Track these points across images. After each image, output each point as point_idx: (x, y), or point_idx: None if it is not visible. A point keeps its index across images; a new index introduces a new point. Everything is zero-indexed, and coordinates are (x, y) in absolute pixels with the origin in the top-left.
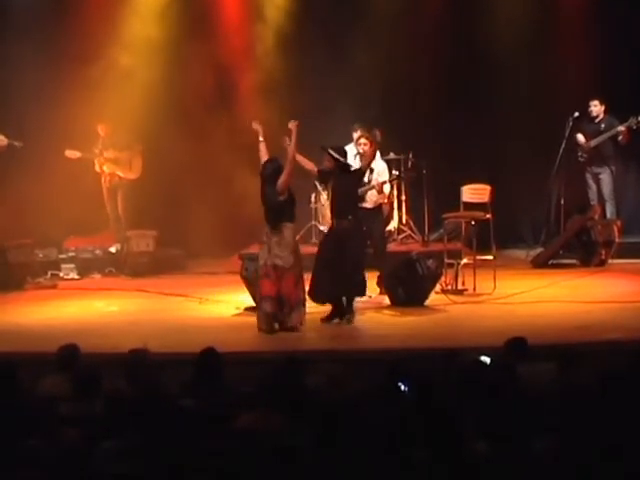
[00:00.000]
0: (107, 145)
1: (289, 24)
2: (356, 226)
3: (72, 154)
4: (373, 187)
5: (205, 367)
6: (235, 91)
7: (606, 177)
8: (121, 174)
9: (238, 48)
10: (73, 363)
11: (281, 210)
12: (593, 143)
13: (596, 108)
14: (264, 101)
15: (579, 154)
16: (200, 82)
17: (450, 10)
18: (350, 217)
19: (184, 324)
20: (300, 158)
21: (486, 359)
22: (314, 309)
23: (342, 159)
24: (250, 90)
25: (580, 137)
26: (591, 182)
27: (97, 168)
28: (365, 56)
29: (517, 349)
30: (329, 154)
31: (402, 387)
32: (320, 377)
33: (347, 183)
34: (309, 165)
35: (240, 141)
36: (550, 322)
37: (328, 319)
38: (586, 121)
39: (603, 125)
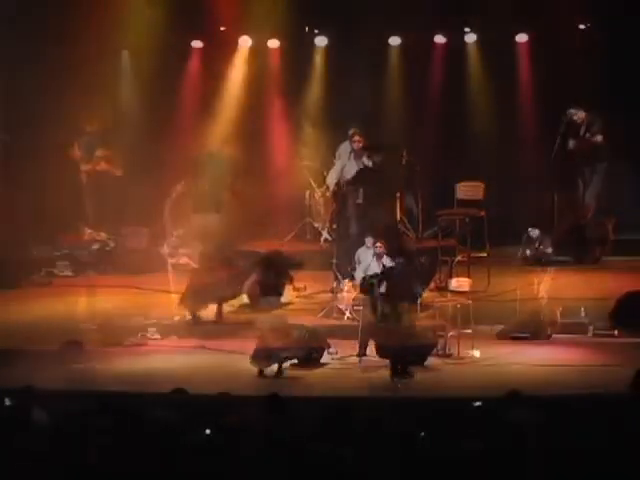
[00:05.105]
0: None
1: None
2: None
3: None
4: None
5: None
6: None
7: (595, 178)
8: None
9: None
10: (76, 360)
11: None
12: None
13: (578, 116)
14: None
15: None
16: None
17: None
18: None
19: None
20: None
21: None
22: None
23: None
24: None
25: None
26: (580, 182)
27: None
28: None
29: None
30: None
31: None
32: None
33: None
34: None
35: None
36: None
37: None
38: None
39: (583, 127)
